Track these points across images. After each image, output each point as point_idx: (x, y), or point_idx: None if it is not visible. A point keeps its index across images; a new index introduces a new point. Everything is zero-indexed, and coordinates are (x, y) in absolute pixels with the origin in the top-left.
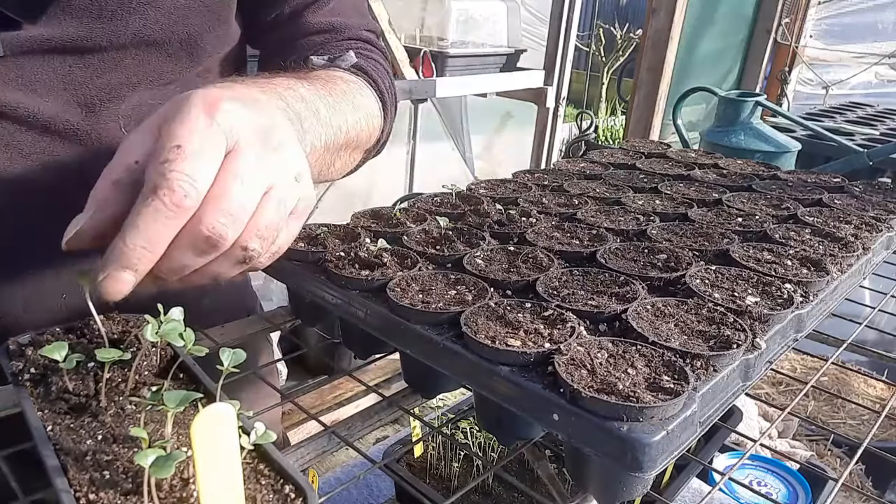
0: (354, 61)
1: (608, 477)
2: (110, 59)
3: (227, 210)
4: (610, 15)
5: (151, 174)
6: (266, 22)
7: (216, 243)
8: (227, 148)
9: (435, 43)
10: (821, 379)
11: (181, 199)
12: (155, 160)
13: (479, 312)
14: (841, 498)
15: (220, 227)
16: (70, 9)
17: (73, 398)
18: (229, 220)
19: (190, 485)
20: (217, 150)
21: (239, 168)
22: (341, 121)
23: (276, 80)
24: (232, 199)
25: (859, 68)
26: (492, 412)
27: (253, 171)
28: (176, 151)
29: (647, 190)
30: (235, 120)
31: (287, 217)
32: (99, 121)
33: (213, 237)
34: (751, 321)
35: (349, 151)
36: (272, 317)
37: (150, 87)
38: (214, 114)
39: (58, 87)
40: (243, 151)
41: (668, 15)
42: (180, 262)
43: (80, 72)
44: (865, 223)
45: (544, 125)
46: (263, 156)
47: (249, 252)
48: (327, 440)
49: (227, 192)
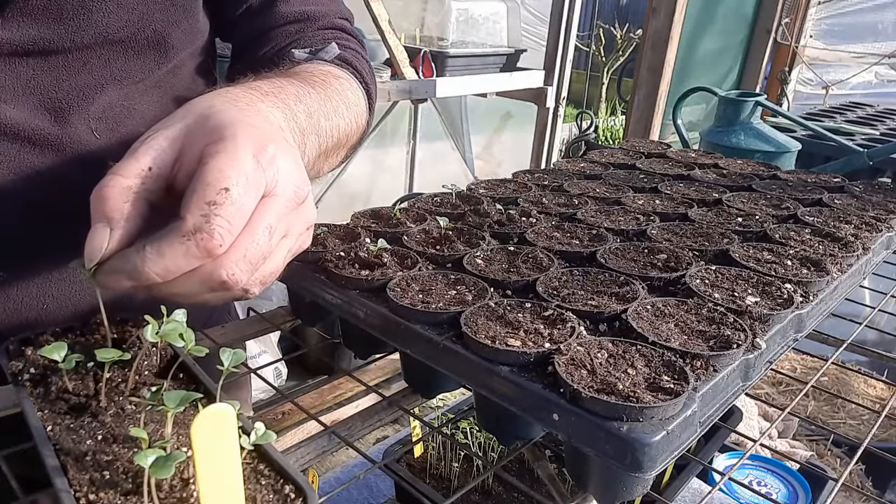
0: (338, 53)
1: (608, 477)
2: (75, 60)
3: (250, 259)
4: (610, 15)
5: (194, 211)
6: (236, 14)
7: (230, 287)
8: (264, 192)
9: (435, 43)
10: (821, 379)
11: (216, 247)
12: (199, 196)
13: (479, 312)
14: (841, 498)
15: (240, 275)
16: (28, 10)
17: (73, 398)
18: (247, 270)
19: (190, 485)
20: (257, 197)
21: (271, 220)
22: (335, 126)
23: (287, 90)
24: (258, 251)
25: (859, 68)
26: (492, 412)
27: (280, 223)
28: (224, 195)
29: (647, 190)
30: (278, 166)
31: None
32: (69, 125)
33: (229, 282)
34: (751, 321)
35: (337, 152)
36: (272, 317)
37: (119, 87)
38: (262, 158)
39: (23, 92)
40: (277, 202)
41: (668, 15)
42: (184, 289)
43: (45, 75)
44: (865, 223)
45: (544, 125)
46: (291, 207)
47: (248, 294)
48: (327, 440)
49: (255, 243)
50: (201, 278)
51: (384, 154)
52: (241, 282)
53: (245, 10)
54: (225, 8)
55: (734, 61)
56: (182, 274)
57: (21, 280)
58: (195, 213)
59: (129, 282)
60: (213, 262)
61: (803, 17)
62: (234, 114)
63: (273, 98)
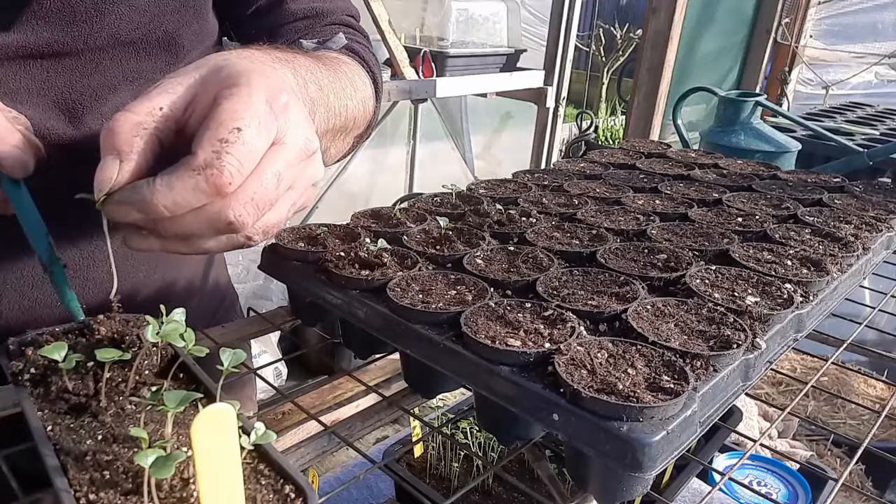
0: (345, 43)
1: (608, 477)
2: (88, 61)
3: (256, 203)
4: (610, 15)
5: (205, 147)
6: (245, 14)
7: (234, 229)
8: (274, 139)
9: (435, 43)
10: (821, 379)
11: (225, 184)
12: (212, 134)
13: (479, 312)
14: (841, 498)
15: (245, 217)
16: (43, 14)
17: (73, 398)
18: (254, 213)
19: (190, 485)
20: (269, 141)
21: (279, 165)
22: (343, 106)
23: (299, 60)
24: (265, 195)
25: (859, 68)
26: (492, 412)
27: (288, 171)
28: (236, 134)
29: (647, 190)
30: (290, 115)
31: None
32: (82, 125)
33: (235, 224)
34: (751, 321)
35: (344, 136)
36: (272, 317)
37: (131, 88)
38: (274, 104)
39: (37, 93)
40: (287, 150)
41: (668, 15)
42: (190, 228)
43: (59, 76)
44: (865, 223)
45: (544, 125)
46: (300, 158)
47: (250, 242)
48: (327, 440)
49: (263, 188)
50: (208, 217)
51: (384, 154)
52: (247, 225)
53: (254, 10)
54: (234, 8)
55: (734, 61)
56: (190, 211)
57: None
58: (206, 149)
59: (138, 214)
60: (221, 201)
61: (803, 17)
62: (248, 65)
63: (286, 64)
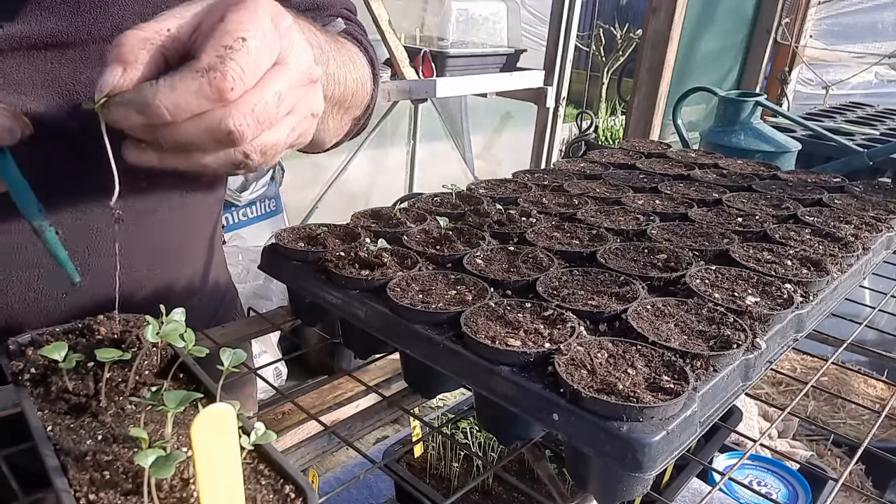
0: (344, 27)
1: (608, 477)
2: (92, 52)
3: (257, 117)
4: (610, 15)
5: (209, 52)
6: None
7: (233, 140)
8: (277, 59)
9: (435, 43)
10: (821, 379)
11: (227, 89)
12: (216, 41)
13: (479, 312)
14: (841, 498)
15: (245, 129)
16: (47, 4)
17: (73, 398)
18: (254, 126)
19: (190, 485)
20: (272, 58)
21: (281, 84)
22: (343, 76)
23: (303, 23)
24: (265, 110)
25: (859, 68)
26: (492, 412)
27: (290, 92)
28: (241, 43)
29: (647, 190)
30: (294, 37)
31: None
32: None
33: (234, 134)
34: (751, 321)
35: (342, 112)
36: (272, 317)
37: None
38: (279, 23)
39: (42, 84)
40: (290, 70)
41: (668, 15)
42: (189, 137)
43: (63, 68)
44: (865, 223)
45: (544, 125)
46: (302, 83)
47: (247, 161)
48: (327, 440)
49: (264, 101)
50: (208, 125)
51: (384, 154)
52: (246, 138)
53: None
54: None
55: (734, 61)
56: (190, 118)
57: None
58: (210, 54)
59: (138, 117)
60: (221, 109)
61: (803, 17)
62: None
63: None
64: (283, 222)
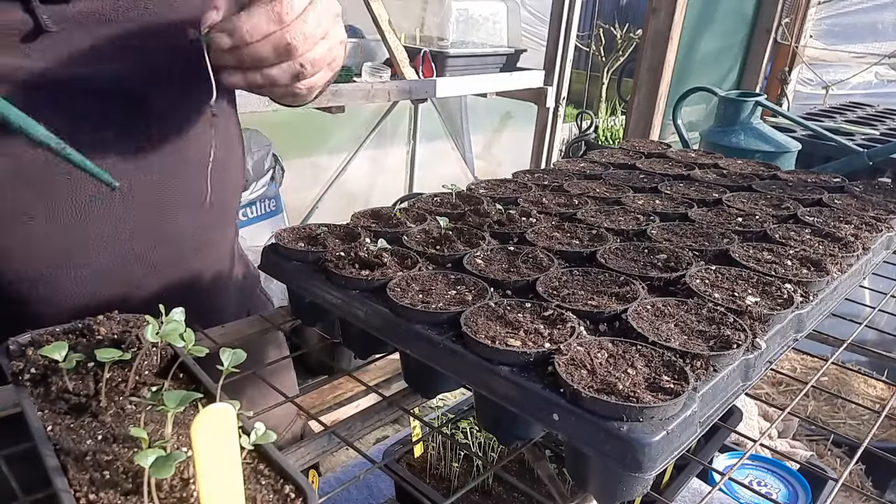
0: None
1: (608, 477)
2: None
3: (305, 33)
4: (610, 15)
5: None
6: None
7: (291, 51)
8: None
9: (435, 43)
10: (821, 379)
11: (284, 14)
12: None
13: (479, 312)
14: (841, 498)
15: (298, 41)
16: None
17: (73, 398)
18: (303, 40)
19: (190, 485)
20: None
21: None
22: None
23: None
24: (311, 31)
25: (859, 68)
26: (492, 412)
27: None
28: None
29: (647, 190)
30: None
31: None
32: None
33: (291, 45)
34: (751, 321)
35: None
36: (272, 317)
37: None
38: None
39: (113, 55)
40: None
41: (668, 15)
42: (260, 53)
43: (133, 39)
44: (865, 223)
45: (544, 125)
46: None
47: (303, 70)
48: (327, 440)
49: (308, 24)
50: (274, 43)
51: (384, 154)
52: (299, 50)
53: None
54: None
55: (734, 61)
56: (262, 38)
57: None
58: None
59: (228, 39)
60: (282, 30)
61: (803, 17)
62: None
63: None
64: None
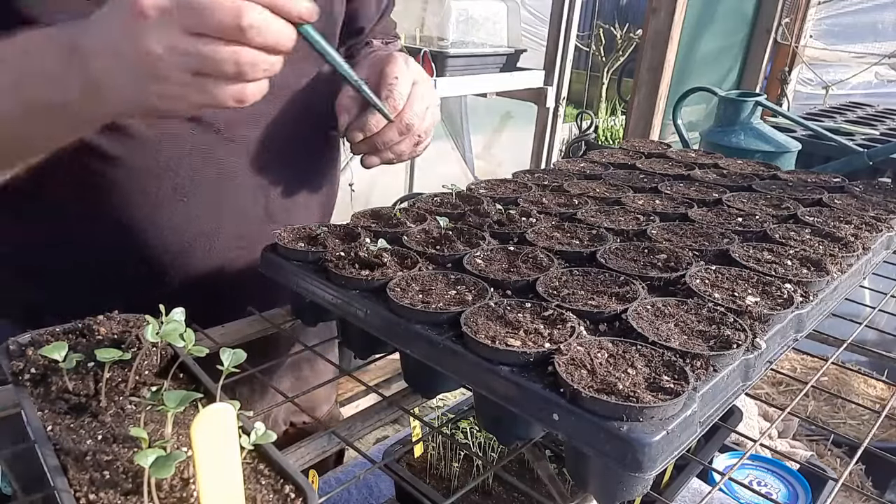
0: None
1: (608, 477)
2: None
3: (416, 113)
4: (610, 15)
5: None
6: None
7: (410, 129)
8: (413, 81)
9: (435, 43)
10: (821, 379)
11: (397, 105)
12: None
13: (479, 312)
14: (841, 498)
15: (414, 120)
16: None
17: (73, 398)
18: (417, 118)
19: (190, 485)
20: (411, 82)
21: (422, 93)
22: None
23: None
24: (419, 108)
25: (859, 68)
26: (492, 412)
27: (426, 96)
28: (395, 81)
29: (647, 190)
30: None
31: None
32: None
33: (410, 125)
34: (751, 321)
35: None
36: (272, 317)
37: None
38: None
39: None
40: (422, 85)
41: (668, 15)
42: (389, 137)
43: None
44: (865, 223)
45: (544, 125)
46: (429, 89)
47: (421, 139)
48: (327, 440)
49: (416, 104)
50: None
51: None
52: (416, 126)
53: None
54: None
55: (734, 61)
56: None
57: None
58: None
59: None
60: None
61: (803, 17)
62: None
63: None
64: None
